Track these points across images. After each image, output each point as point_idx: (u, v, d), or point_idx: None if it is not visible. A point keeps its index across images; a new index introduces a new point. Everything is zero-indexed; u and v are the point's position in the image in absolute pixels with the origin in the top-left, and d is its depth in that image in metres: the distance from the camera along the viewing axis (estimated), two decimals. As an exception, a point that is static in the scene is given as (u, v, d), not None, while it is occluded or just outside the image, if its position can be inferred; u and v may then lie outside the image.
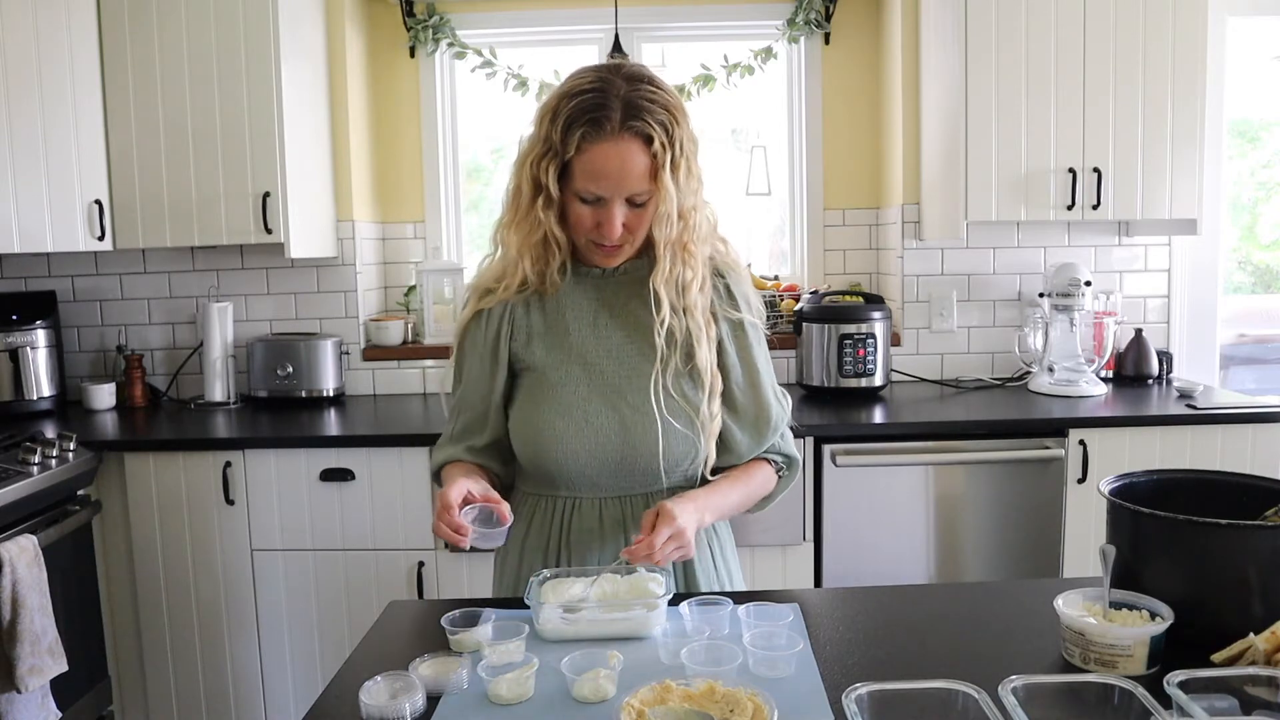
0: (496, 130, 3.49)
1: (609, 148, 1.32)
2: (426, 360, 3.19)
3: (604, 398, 1.43)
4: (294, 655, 2.64)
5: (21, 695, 2.10)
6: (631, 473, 1.44)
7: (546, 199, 1.37)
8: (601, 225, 1.37)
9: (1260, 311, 3.53)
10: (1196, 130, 2.77)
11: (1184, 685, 0.95)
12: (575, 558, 1.45)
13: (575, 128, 1.32)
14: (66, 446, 2.42)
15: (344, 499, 2.58)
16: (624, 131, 1.31)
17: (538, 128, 1.38)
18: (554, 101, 1.36)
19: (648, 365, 1.43)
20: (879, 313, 2.92)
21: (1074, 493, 2.57)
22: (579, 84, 1.35)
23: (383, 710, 1.04)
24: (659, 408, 1.41)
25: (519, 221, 1.41)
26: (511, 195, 1.42)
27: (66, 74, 2.64)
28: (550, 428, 1.42)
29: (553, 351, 1.46)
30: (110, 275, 3.19)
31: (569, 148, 1.33)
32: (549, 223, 1.39)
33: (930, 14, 2.98)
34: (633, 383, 1.43)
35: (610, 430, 1.42)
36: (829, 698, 1.05)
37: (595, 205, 1.37)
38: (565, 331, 1.46)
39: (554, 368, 1.45)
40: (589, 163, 1.33)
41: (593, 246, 1.42)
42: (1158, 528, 1.16)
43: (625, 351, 1.45)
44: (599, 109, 1.31)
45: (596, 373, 1.44)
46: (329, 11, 3.05)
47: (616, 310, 1.47)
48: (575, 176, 1.35)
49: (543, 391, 1.45)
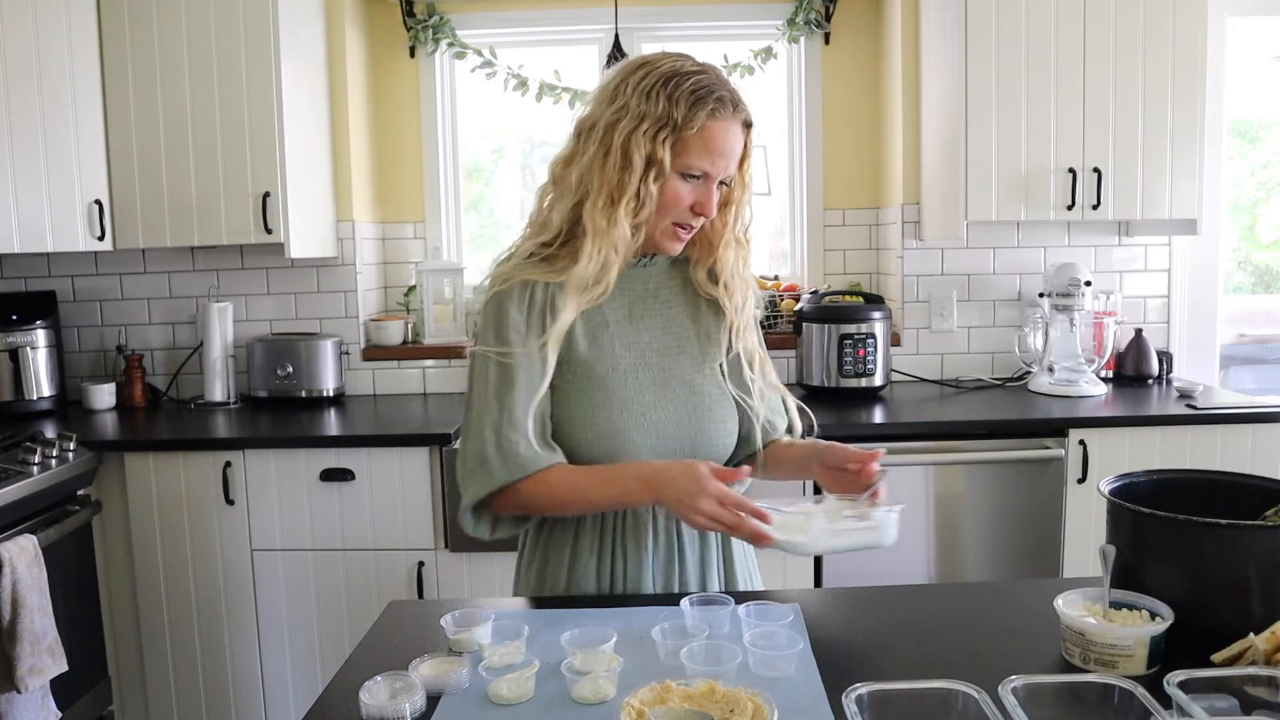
0: (496, 130, 3.50)
1: (729, 126, 1.34)
2: (426, 360, 3.19)
3: (657, 390, 1.42)
4: (294, 655, 2.64)
5: (21, 695, 2.10)
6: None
7: (659, 172, 1.33)
8: (699, 204, 1.36)
9: (1260, 311, 3.53)
10: (1196, 130, 2.77)
11: (1184, 685, 0.95)
12: (630, 551, 1.42)
13: (703, 103, 1.31)
14: (66, 446, 2.42)
15: (344, 499, 2.58)
16: (738, 114, 1.35)
17: (641, 103, 1.32)
18: (657, 79, 1.32)
19: (686, 356, 1.45)
20: (879, 313, 2.92)
21: (1074, 493, 2.57)
22: (681, 66, 1.34)
23: (383, 710, 1.03)
24: (725, 393, 1.45)
25: (628, 200, 1.33)
26: (617, 173, 1.32)
27: (66, 74, 2.64)
28: (610, 423, 1.39)
29: (596, 344, 1.42)
30: (110, 275, 3.19)
31: (692, 123, 1.31)
32: (654, 199, 1.34)
33: (930, 14, 2.98)
34: (678, 374, 1.44)
35: (669, 422, 1.41)
36: (829, 698, 1.05)
37: (697, 184, 1.36)
38: (604, 323, 1.43)
39: (599, 360, 1.41)
40: (711, 139, 1.33)
41: (671, 230, 1.39)
42: (1158, 528, 1.16)
43: (664, 343, 1.45)
44: (721, 88, 1.33)
45: (643, 365, 1.43)
46: (329, 12, 3.05)
47: (649, 303, 1.46)
48: (689, 152, 1.33)
49: (595, 386, 1.40)
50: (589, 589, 1.42)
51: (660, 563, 1.43)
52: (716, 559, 1.47)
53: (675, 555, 1.44)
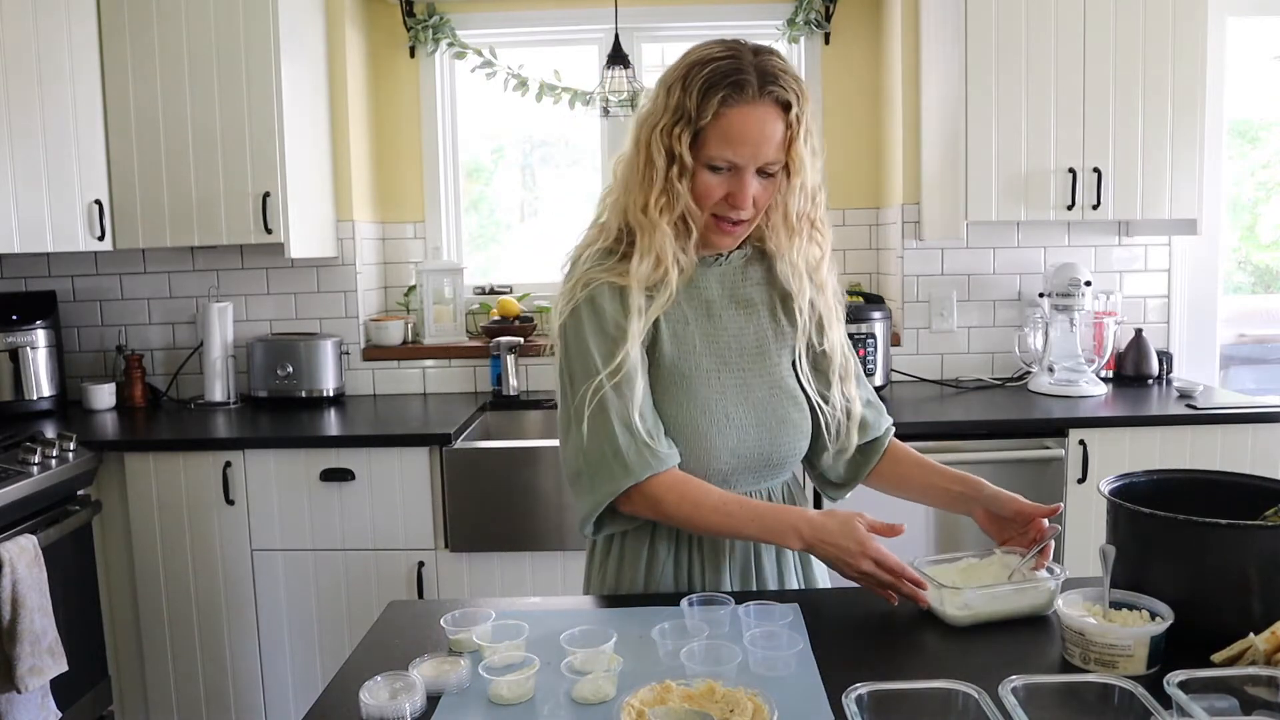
0: (496, 130, 3.50)
1: (750, 111, 1.27)
2: (426, 360, 3.19)
3: (738, 392, 1.39)
4: (294, 655, 2.64)
5: (21, 695, 2.10)
6: (768, 465, 1.42)
7: (681, 168, 1.29)
8: (732, 195, 1.31)
9: (1260, 311, 3.52)
10: (1196, 130, 2.77)
11: (1184, 685, 0.95)
12: (708, 554, 1.41)
13: (715, 91, 1.27)
14: (66, 446, 2.42)
15: (344, 499, 2.58)
16: (764, 96, 1.28)
17: (663, 97, 1.31)
18: (681, 71, 1.31)
19: (765, 356, 1.42)
20: (879, 313, 2.92)
21: (1074, 493, 2.57)
22: (706, 53, 1.30)
23: (383, 710, 1.03)
24: (802, 394, 1.42)
25: (658, 196, 1.31)
26: (644, 170, 1.32)
27: (66, 74, 2.64)
28: (693, 425, 1.36)
29: (676, 343, 1.38)
30: (110, 275, 3.19)
31: (705, 113, 1.27)
32: (686, 195, 1.30)
33: (930, 14, 2.98)
34: (758, 374, 1.41)
35: (750, 425, 1.38)
36: (829, 698, 1.05)
37: (726, 175, 1.31)
38: (685, 322, 1.39)
39: (682, 359, 1.38)
40: (729, 127, 1.28)
41: (714, 224, 1.35)
42: (1158, 528, 1.16)
43: (743, 343, 1.41)
44: (738, 72, 1.27)
45: (724, 365, 1.39)
46: (329, 12, 3.05)
47: (727, 300, 1.42)
48: (709, 143, 1.29)
49: (677, 386, 1.37)
50: (665, 588, 1.41)
51: (738, 569, 1.43)
52: (794, 561, 1.47)
53: (752, 562, 1.43)
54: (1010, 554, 1.36)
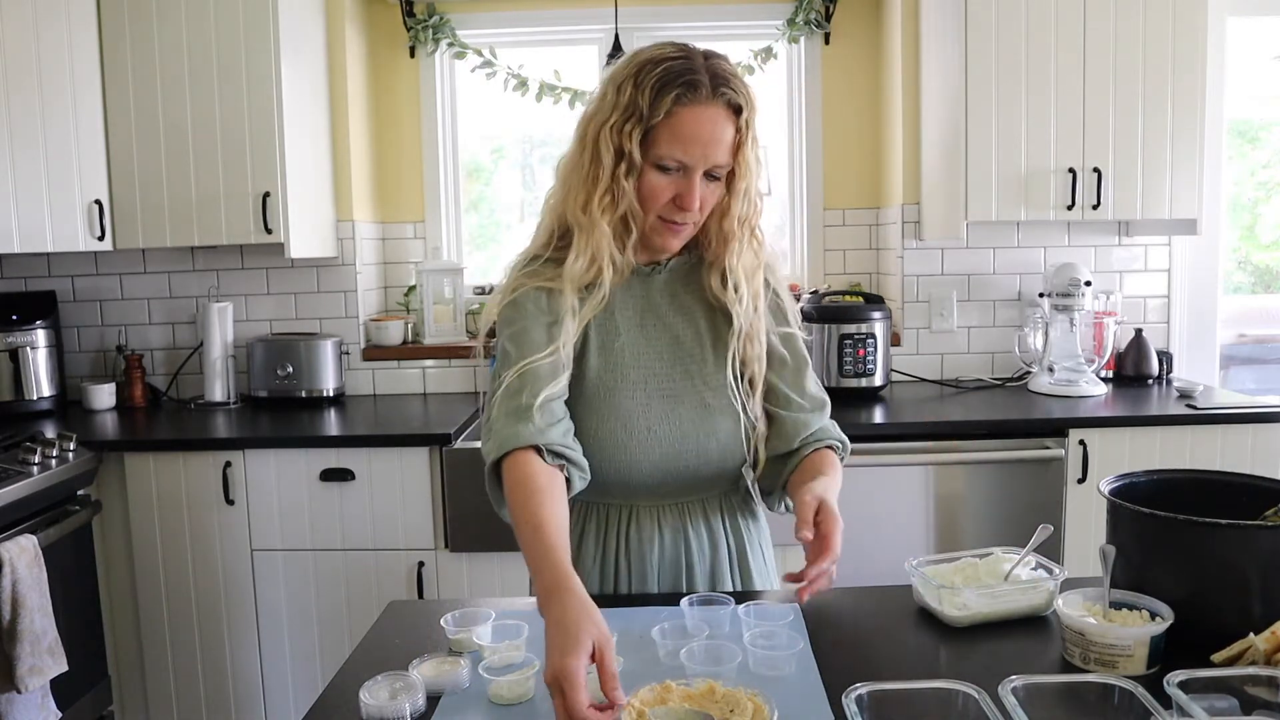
0: (496, 130, 3.49)
1: (702, 111, 1.26)
2: (426, 360, 3.19)
3: (662, 404, 1.37)
4: (294, 655, 2.64)
5: (21, 695, 2.10)
6: (696, 479, 1.40)
7: (629, 166, 1.28)
8: (680, 196, 1.30)
9: (1260, 311, 3.52)
10: (1196, 130, 2.77)
11: (1184, 685, 0.95)
12: (635, 567, 1.40)
13: (668, 90, 1.25)
14: (66, 446, 2.42)
15: (344, 499, 2.58)
16: (717, 97, 1.27)
17: (613, 95, 1.29)
18: (632, 69, 1.29)
19: (701, 366, 1.38)
20: (879, 313, 2.92)
21: (1074, 493, 2.57)
22: (659, 53, 1.29)
23: (383, 710, 1.03)
24: (736, 406, 1.37)
25: (602, 194, 1.29)
26: (589, 167, 1.30)
27: (66, 74, 2.64)
28: (612, 437, 1.35)
29: (604, 355, 1.37)
30: (110, 275, 3.19)
31: (658, 111, 1.25)
32: (631, 194, 1.29)
33: (930, 14, 2.98)
34: (685, 386, 1.38)
35: (673, 438, 1.36)
36: (829, 698, 1.05)
37: (675, 175, 1.30)
38: (615, 334, 1.38)
39: (608, 372, 1.37)
40: (680, 126, 1.26)
41: (659, 226, 1.33)
42: (1158, 528, 1.16)
43: (674, 354, 1.39)
44: (691, 73, 1.26)
45: (650, 377, 1.37)
46: (329, 11, 3.05)
47: (660, 311, 1.41)
48: (660, 142, 1.27)
49: (600, 399, 1.36)
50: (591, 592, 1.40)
51: (667, 576, 1.41)
52: (730, 564, 1.44)
53: (682, 570, 1.41)
54: (1009, 554, 1.36)
